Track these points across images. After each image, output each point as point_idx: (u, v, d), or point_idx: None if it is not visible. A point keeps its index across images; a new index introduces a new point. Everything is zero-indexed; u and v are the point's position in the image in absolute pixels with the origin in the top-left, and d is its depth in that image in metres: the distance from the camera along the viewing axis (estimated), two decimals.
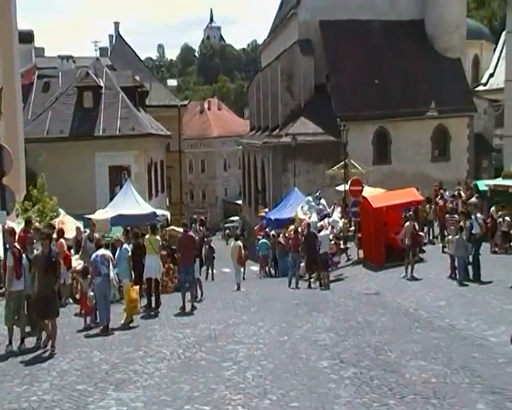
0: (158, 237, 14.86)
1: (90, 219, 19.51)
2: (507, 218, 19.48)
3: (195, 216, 20.54)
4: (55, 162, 28.99)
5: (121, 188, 23.84)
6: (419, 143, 37.58)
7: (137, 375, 8.45)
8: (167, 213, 22.87)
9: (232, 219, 68.81)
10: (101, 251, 12.35)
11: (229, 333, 11.21)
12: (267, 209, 34.96)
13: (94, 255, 12.24)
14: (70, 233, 18.27)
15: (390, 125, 37.53)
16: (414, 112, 37.06)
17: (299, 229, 21.70)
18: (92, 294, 12.31)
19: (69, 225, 19.39)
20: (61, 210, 21.29)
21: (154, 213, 20.60)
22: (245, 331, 11.34)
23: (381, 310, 13.19)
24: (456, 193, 25.82)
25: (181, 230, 24.26)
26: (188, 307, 14.14)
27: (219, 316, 13.25)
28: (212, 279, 23.28)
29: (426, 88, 37.52)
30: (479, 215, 16.53)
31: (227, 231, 56.53)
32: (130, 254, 13.26)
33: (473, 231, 15.97)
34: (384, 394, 7.32)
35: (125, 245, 13.66)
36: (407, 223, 18.61)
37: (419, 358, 8.93)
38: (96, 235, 16.20)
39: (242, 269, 20.76)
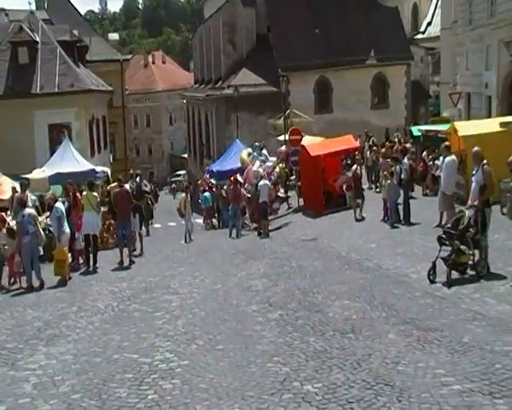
0: (95, 194, 14.67)
1: (26, 178, 19.04)
2: (436, 161, 20.08)
3: (131, 171, 20.05)
4: None
5: None
6: (359, 91, 37.91)
7: (70, 330, 8.51)
8: (107, 170, 22.54)
9: (179, 173, 68.29)
10: (27, 210, 12.30)
11: (165, 284, 11.34)
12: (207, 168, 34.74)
13: (20, 215, 12.12)
14: (7, 194, 17.83)
15: (331, 74, 37.69)
16: (354, 60, 37.26)
17: (241, 179, 21.84)
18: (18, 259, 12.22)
19: (6, 186, 18.89)
20: None
21: (93, 169, 20.30)
22: (180, 282, 11.49)
23: (315, 255, 13.59)
24: (395, 139, 26.45)
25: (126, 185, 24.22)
26: (126, 262, 14.13)
27: (157, 269, 13.33)
28: (148, 234, 22.89)
29: (365, 37, 37.61)
30: (405, 160, 16.97)
31: (173, 185, 56.08)
32: (60, 213, 12.92)
33: (402, 176, 16.43)
34: (306, 332, 7.64)
35: (57, 204, 13.38)
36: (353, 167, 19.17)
37: (344, 298, 9.30)
38: (28, 194, 15.93)
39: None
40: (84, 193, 14.61)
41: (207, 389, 5.94)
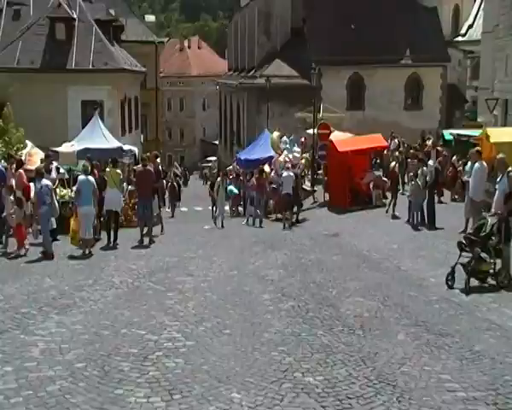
0: (119, 171, 14.80)
1: (56, 151, 19.30)
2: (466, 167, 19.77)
3: (148, 153, 20.02)
4: (26, 94, 28.43)
5: None
6: (393, 90, 37.45)
7: (83, 301, 8.63)
8: (135, 149, 22.63)
9: (209, 159, 68.49)
10: (44, 181, 12.52)
11: (182, 266, 11.42)
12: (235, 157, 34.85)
13: (38, 186, 12.35)
14: (36, 165, 18.09)
15: (365, 72, 37.28)
16: (389, 59, 36.78)
17: (268, 169, 21.84)
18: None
19: (36, 157, 19.18)
20: (28, 142, 20.95)
21: (121, 147, 20.39)
22: (197, 265, 11.55)
23: (335, 250, 13.53)
24: (429, 142, 25.97)
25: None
26: (146, 241, 14.23)
27: (176, 250, 13.42)
28: (173, 216, 23.09)
29: (402, 36, 37.07)
30: (430, 163, 16.71)
31: (205, 171, 56.39)
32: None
33: (427, 179, 16.21)
34: (315, 325, 7.61)
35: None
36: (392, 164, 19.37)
37: (358, 295, 9.23)
38: (55, 164, 16.17)
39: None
40: (108, 170, 14.76)
41: (209, 371, 5.97)
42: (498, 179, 10.45)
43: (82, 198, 12.88)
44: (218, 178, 20.63)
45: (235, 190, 24.63)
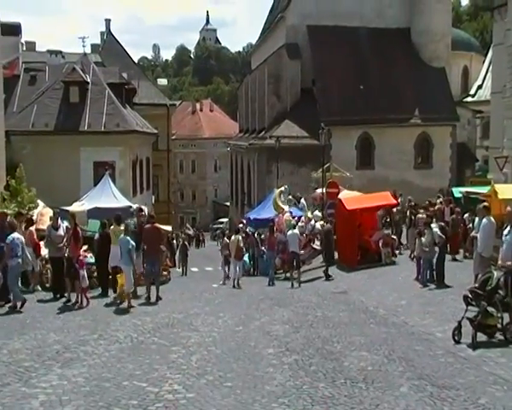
0: (122, 228, 15.04)
1: (67, 210, 19.68)
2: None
3: (135, 206, 19.93)
4: (40, 156, 29.37)
5: None
6: (402, 149, 38.04)
7: (87, 355, 8.71)
8: (144, 208, 23.00)
9: (221, 220, 68.96)
10: (16, 234, 12.84)
11: (187, 322, 11.49)
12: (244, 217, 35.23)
13: (10, 238, 12.60)
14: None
15: (374, 131, 37.97)
16: (398, 119, 37.53)
17: (274, 228, 22.07)
18: None
19: (47, 217, 19.57)
20: (39, 202, 21.43)
21: (130, 206, 20.76)
22: (203, 321, 11.62)
23: (343, 307, 13.54)
24: (438, 200, 26.01)
25: (167, 227, 24.75)
26: (153, 298, 14.36)
27: (183, 307, 13.51)
28: (185, 274, 23.43)
29: (410, 96, 38.01)
30: (433, 226, 16.73)
31: (218, 231, 56.77)
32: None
33: (435, 241, 16.28)
34: (317, 378, 7.63)
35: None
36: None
37: (363, 349, 9.24)
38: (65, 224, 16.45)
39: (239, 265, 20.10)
40: (112, 227, 15.07)
41: None
42: (506, 232, 10.52)
43: (121, 256, 13.57)
44: (237, 236, 20.44)
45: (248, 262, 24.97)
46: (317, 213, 24.20)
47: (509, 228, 10.52)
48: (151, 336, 10.11)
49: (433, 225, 16.70)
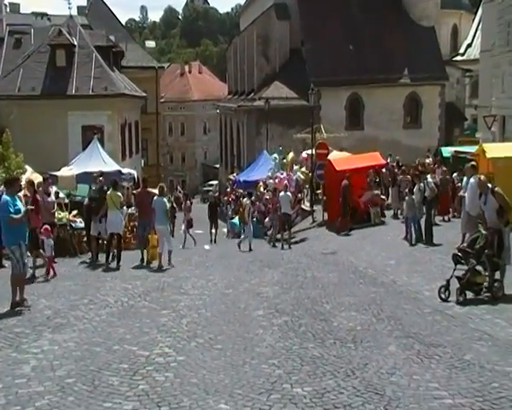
0: (119, 193, 14.94)
1: (55, 175, 19.52)
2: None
3: (95, 173, 19.41)
4: (27, 120, 28.93)
5: None
6: (391, 109, 37.73)
7: (77, 320, 8.69)
8: (134, 172, 22.85)
9: (211, 183, 68.73)
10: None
11: (177, 285, 11.48)
12: (235, 174, 35.19)
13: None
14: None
15: (363, 91, 37.62)
16: (387, 78, 37.10)
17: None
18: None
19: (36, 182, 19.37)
20: (27, 167, 21.19)
21: (119, 170, 20.61)
22: (193, 284, 11.63)
23: (332, 267, 13.61)
24: (427, 160, 26.04)
25: (156, 191, 24.65)
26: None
27: (172, 270, 13.53)
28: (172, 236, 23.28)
29: (400, 55, 37.49)
30: (429, 179, 16.75)
31: (210, 193, 56.71)
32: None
33: (425, 194, 16.28)
34: (307, 339, 7.66)
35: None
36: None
37: (352, 309, 9.29)
38: (54, 189, 16.35)
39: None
40: (108, 192, 14.91)
41: (198, 384, 6.02)
42: (482, 200, 10.45)
43: (156, 217, 14.06)
44: (245, 199, 20.45)
45: (238, 224, 24.95)
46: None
47: (484, 197, 10.39)
48: (141, 300, 10.10)
49: (429, 178, 16.64)
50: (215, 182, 65.91)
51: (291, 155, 26.05)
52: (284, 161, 25.07)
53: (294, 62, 38.40)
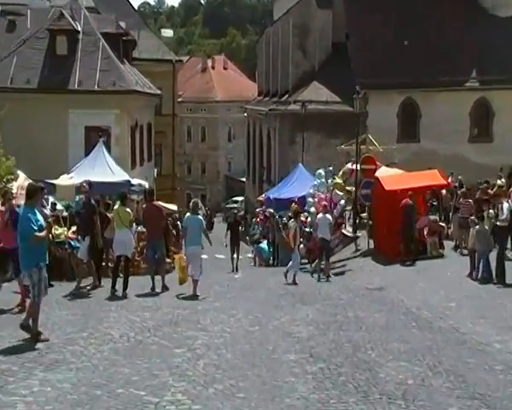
0: (128, 209, 15.17)
1: (52, 184, 19.89)
2: None
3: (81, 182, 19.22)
4: (20, 118, 29.48)
5: None
6: (455, 118, 37.46)
7: (74, 356, 8.77)
8: (145, 184, 23.17)
9: (235, 199, 68.97)
10: None
11: (194, 319, 11.56)
12: (263, 195, 35.24)
13: None
14: None
15: (420, 96, 37.55)
16: (450, 81, 36.92)
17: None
18: None
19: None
20: (20, 173, 21.49)
21: (129, 181, 20.95)
22: (212, 319, 11.68)
23: (378, 306, 13.54)
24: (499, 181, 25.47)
25: (171, 206, 24.95)
26: (159, 289, 14.73)
27: (188, 301, 13.64)
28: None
29: (467, 53, 37.33)
30: (505, 204, 16.41)
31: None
32: None
33: (497, 223, 16.14)
34: (347, 391, 7.61)
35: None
36: None
37: (402, 358, 9.20)
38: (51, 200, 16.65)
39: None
40: (116, 207, 15.16)
41: None
42: None
43: (188, 237, 14.45)
44: (292, 220, 19.69)
45: (267, 251, 25.08)
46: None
47: None
48: (151, 336, 10.17)
49: (505, 204, 16.33)
50: (240, 198, 66.21)
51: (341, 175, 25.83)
52: (330, 181, 25.03)
53: (337, 59, 38.66)
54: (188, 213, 15.01)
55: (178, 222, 24.52)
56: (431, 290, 15.37)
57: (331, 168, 26.88)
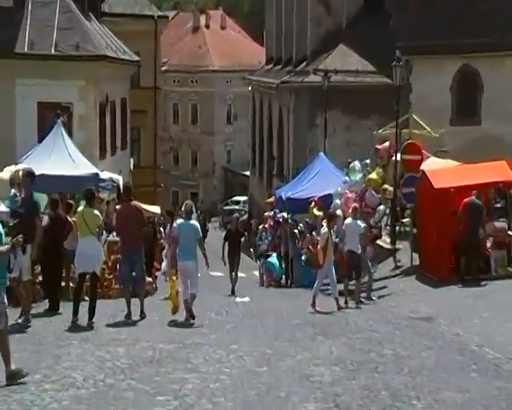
0: (96, 212, 15.15)
1: None
2: None
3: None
4: None
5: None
6: None
7: (23, 407, 8.76)
8: (119, 178, 23.16)
9: (237, 199, 69.00)
10: None
11: (182, 357, 11.55)
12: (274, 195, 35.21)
13: None
14: None
15: (481, 64, 37.33)
16: None
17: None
18: None
19: None
20: None
21: (97, 175, 20.93)
22: (206, 356, 11.68)
23: (426, 342, 13.55)
24: None
25: (153, 208, 24.85)
26: (136, 316, 14.86)
27: (176, 332, 13.70)
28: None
29: None
30: None
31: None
32: None
33: None
34: None
35: None
36: None
37: None
38: None
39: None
40: (80, 209, 15.14)
41: None
42: None
43: (181, 249, 14.86)
44: (324, 227, 19.02)
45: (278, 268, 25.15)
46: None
47: None
48: (126, 379, 10.17)
49: None
50: (243, 198, 66.17)
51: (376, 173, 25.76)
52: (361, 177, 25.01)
53: (371, 16, 38.66)
54: (180, 220, 15.32)
55: (162, 229, 24.64)
56: (496, 322, 15.26)
57: (368, 161, 26.75)
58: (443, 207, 20.75)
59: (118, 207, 18.28)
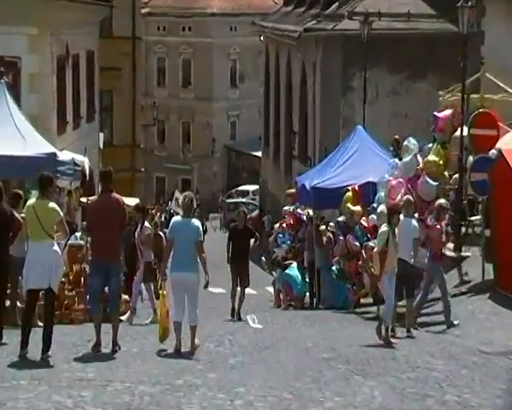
0: (54, 205, 15.14)
1: None
2: None
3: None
4: None
5: None
6: None
7: None
8: (84, 160, 23.23)
9: (244, 188, 69.14)
10: None
11: (171, 404, 11.48)
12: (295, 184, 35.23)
13: None
14: None
15: None
16: None
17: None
18: None
19: None
20: None
21: (54, 155, 20.96)
22: (203, 402, 11.62)
23: (501, 384, 13.52)
24: None
25: (131, 201, 24.92)
26: (108, 347, 14.89)
27: (163, 369, 13.68)
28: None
29: None
30: None
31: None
32: None
33: None
34: None
35: None
36: None
37: None
38: None
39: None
40: (31, 202, 15.09)
41: None
42: None
43: (177, 256, 14.98)
44: (384, 226, 18.38)
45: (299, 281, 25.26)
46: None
47: None
48: None
49: None
50: (252, 187, 66.25)
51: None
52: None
53: None
54: (177, 217, 15.59)
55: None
56: None
57: (430, 145, 25.93)
58: None
59: (90, 198, 18.24)
